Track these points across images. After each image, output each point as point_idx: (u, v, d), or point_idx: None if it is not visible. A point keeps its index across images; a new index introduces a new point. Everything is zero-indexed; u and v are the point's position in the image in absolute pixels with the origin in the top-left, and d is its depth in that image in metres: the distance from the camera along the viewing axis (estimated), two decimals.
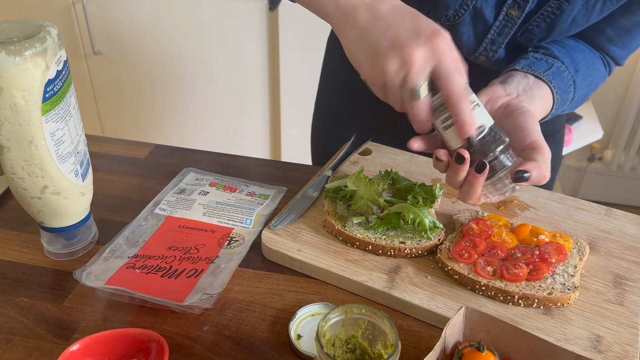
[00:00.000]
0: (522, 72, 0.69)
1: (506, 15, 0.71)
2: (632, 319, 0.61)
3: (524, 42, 0.74)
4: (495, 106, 0.65)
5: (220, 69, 1.91)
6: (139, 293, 0.61)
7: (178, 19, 1.83)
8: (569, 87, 0.71)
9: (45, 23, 0.59)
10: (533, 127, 0.61)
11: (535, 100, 0.67)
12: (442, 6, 0.72)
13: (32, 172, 0.61)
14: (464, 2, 0.71)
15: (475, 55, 0.77)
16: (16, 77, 0.55)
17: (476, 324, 0.54)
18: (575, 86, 0.72)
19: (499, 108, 0.65)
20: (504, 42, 0.74)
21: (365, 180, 0.71)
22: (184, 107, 2.03)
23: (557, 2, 0.69)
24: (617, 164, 2.34)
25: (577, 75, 0.72)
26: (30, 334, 0.60)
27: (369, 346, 0.53)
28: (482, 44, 0.75)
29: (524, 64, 0.70)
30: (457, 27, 0.74)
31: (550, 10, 0.70)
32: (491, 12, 0.72)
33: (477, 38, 0.75)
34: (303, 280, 0.67)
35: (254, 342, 0.60)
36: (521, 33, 0.73)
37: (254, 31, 1.81)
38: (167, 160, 0.89)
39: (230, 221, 0.74)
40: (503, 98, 0.65)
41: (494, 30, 0.73)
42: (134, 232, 0.72)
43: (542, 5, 0.70)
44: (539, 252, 0.65)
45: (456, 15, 0.73)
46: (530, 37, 0.73)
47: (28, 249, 0.71)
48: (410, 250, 0.67)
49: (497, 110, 0.65)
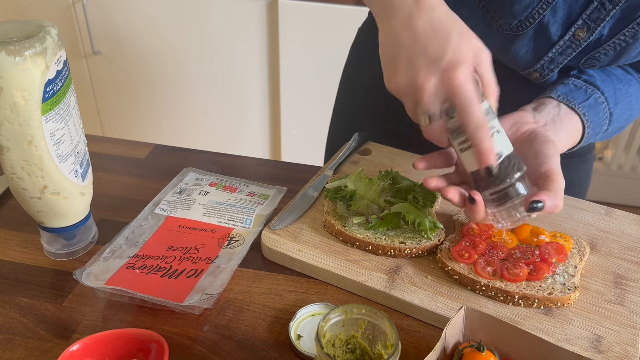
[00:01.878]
0: (556, 100, 0.68)
1: (573, 35, 0.68)
2: (632, 319, 0.61)
3: (585, 66, 0.71)
4: (520, 131, 0.65)
5: (220, 69, 1.91)
6: (138, 293, 0.61)
7: (178, 18, 1.83)
8: (603, 120, 0.70)
9: (45, 23, 0.59)
10: (552, 155, 0.61)
11: (562, 133, 0.65)
12: (508, 14, 0.68)
13: (32, 172, 0.61)
14: (531, 14, 0.67)
15: (529, 71, 0.74)
16: (16, 77, 0.55)
17: (476, 324, 0.54)
18: (611, 119, 0.70)
19: (523, 133, 0.64)
20: (563, 63, 0.71)
21: (365, 180, 0.71)
22: (184, 107, 2.03)
23: (632, 31, 0.65)
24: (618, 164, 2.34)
25: (616, 108, 0.70)
26: (30, 334, 0.60)
27: (369, 346, 0.53)
28: (541, 61, 0.72)
29: (561, 91, 0.68)
30: (519, 39, 0.71)
31: (624, 38, 0.66)
32: (557, 30, 0.68)
33: (536, 54, 0.72)
34: (303, 280, 0.67)
35: (254, 342, 0.60)
36: (585, 59, 0.70)
37: (254, 31, 1.81)
38: (167, 160, 0.89)
39: (230, 221, 0.74)
40: (530, 124, 0.65)
41: (556, 49, 0.70)
42: (134, 232, 0.72)
43: (615, 33, 0.66)
44: (539, 252, 0.65)
45: (520, 27, 0.69)
46: (594, 63, 0.70)
47: (28, 249, 0.71)
48: (411, 250, 0.67)
49: (521, 135, 0.64)
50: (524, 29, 0.69)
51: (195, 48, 1.88)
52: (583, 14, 0.66)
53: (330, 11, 1.71)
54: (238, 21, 1.80)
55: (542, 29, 0.69)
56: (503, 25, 0.70)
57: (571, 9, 0.66)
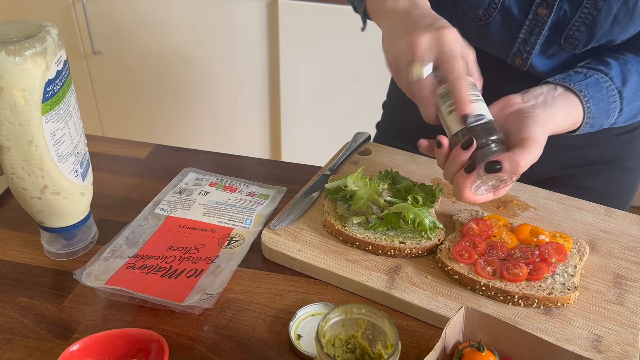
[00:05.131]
0: (553, 83, 0.69)
1: (536, 13, 0.72)
2: (632, 319, 0.61)
3: (568, 48, 0.73)
4: (508, 112, 0.65)
5: (220, 69, 1.91)
6: (139, 293, 0.61)
7: (178, 18, 1.83)
8: (609, 97, 0.70)
9: (45, 23, 0.59)
10: (531, 125, 0.61)
11: (554, 109, 0.66)
12: (472, 6, 0.75)
13: (32, 172, 0.61)
14: (492, 1, 0.73)
15: (510, 57, 0.77)
16: (16, 77, 0.55)
17: (476, 324, 0.54)
18: (622, 97, 0.70)
19: (511, 113, 0.65)
20: (536, 43, 0.74)
21: (365, 180, 0.71)
22: (184, 107, 2.03)
23: (591, 2, 0.68)
24: None
25: (625, 87, 0.70)
26: (30, 334, 0.60)
27: (369, 346, 0.53)
28: (515, 44, 0.75)
29: (558, 77, 0.70)
30: (490, 27, 0.76)
31: (587, 11, 0.69)
32: (519, 12, 0.73)
33: (509, 38, 0.76)
34: (303, 280, 0.67)
35: (254, 342, 0.60)
36: (564, 40, 0.73)
37: (254, 31, 1.81)
38: (167, 160, 0.89)
39: (230, 221, 0.74)
40: (518, 105, 0.66)
41: (525, 29, 0.74)
42: (134, 232, 0.72)
43: (577, 7, 0.69)
44: (539, 252, 0.65)
45: (487, 14, 0.74)
46: (574, 42, 0.72)
47: (28, 249, 0.71)
48: (410, 250, 0.67)
49: (508, 116, 0.65)
50: (490, 15, 0.75)
51: (196, 48, 1.88)
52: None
53: (330, 11, 1.71)
54: (238, 21, 1.80)
55: (506, 12, 0.74)
56: (474, 18, 0.76)
57: None
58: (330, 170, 0.82)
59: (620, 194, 0.91)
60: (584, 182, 0.87)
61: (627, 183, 0.91)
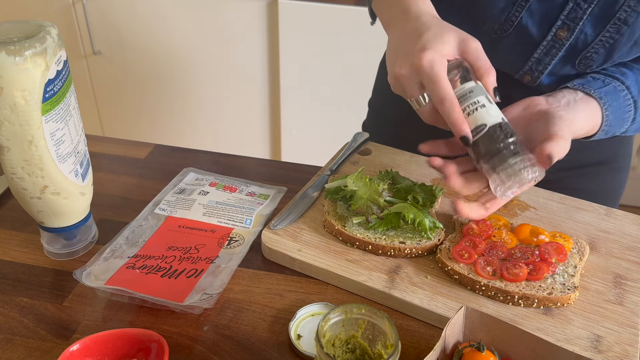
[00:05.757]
0: (572, 88, 0.68)
1: (555, 35, 0.71)
2: (632, 319, 0.61)
3: (581, 68, 0.73)
4: (532, 112, 0.65)
5: (220, 69, 1.91)
6: (139, 293, 0.61)
7: (178, 18, 1.83)
8: (627, 107, 0.70)
9: (45, 23, 0.59)
10: (559, 125, 0.61)
11: (577, 113, 0.66)
12: (488, 18, 0.73)
13: (32, 172, 0.61)
14: (509, 17, 0.71)
15: (520, 74, 0.76)
16: (16, 77, 0.55)
17: (476, 324, 0.54)
18: (636, 106, 0.71)
19: (535, 114, 0.65)
20: (550, 63, 0.73)
21: (365, 180, 0.71)
22: (184, 107, 2.03)
23: (615, 27, 0.67)
24: None
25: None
26: (30, 334, 0.60)
27: (369, 346, 0.53)
28: (528, 62, 0.74)
29: (577, 82, 0.69)
30: (505, 41, 0.74)
31: (609, 35, 0.68)
32: (538, 31, 0.71)
33: (523, 55, 0.74)
34: (303, 280, 0.67)
35: (254, 342, 0.60)
36: (579, 61, 0.72)
37: (254, 31, 1.81)
38: (167, 160, 0.89)
39: (230, 221, 0.74)
40: (542, 105, 0.66)
41: (541, 49, 0.73)
42: (134, 232, 0.72)
43: (599, 31, 0.68)
44: (539, 252, 0.65)
45: (502, 29, 0.73)
46: (589, 63, 0.72)
47: (28, 249, 0.71)
48: (410, 250, 0.67)
49: (533, 116, 0.65)
50: (505, 31, 0.73)
51: (195, 48, 1.88)
52: (561, 14, 0.69)
53: (330, 11, 1.71)
54: (238, 21, 1.80)
55: (522, 30, 0.72)
56: (488, 30, 0.74)
57: (548, 10, 0.69)
58: (330, 170, 0.82)
59: (610, 193, 0.91)
60: (575, 184, 0.87)
61: (616, 183, 0.91)
